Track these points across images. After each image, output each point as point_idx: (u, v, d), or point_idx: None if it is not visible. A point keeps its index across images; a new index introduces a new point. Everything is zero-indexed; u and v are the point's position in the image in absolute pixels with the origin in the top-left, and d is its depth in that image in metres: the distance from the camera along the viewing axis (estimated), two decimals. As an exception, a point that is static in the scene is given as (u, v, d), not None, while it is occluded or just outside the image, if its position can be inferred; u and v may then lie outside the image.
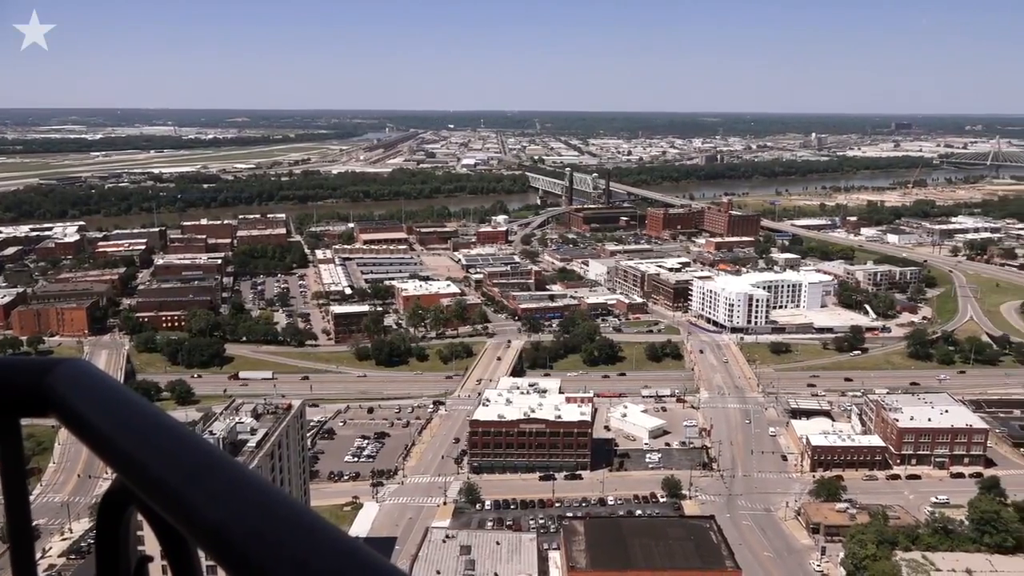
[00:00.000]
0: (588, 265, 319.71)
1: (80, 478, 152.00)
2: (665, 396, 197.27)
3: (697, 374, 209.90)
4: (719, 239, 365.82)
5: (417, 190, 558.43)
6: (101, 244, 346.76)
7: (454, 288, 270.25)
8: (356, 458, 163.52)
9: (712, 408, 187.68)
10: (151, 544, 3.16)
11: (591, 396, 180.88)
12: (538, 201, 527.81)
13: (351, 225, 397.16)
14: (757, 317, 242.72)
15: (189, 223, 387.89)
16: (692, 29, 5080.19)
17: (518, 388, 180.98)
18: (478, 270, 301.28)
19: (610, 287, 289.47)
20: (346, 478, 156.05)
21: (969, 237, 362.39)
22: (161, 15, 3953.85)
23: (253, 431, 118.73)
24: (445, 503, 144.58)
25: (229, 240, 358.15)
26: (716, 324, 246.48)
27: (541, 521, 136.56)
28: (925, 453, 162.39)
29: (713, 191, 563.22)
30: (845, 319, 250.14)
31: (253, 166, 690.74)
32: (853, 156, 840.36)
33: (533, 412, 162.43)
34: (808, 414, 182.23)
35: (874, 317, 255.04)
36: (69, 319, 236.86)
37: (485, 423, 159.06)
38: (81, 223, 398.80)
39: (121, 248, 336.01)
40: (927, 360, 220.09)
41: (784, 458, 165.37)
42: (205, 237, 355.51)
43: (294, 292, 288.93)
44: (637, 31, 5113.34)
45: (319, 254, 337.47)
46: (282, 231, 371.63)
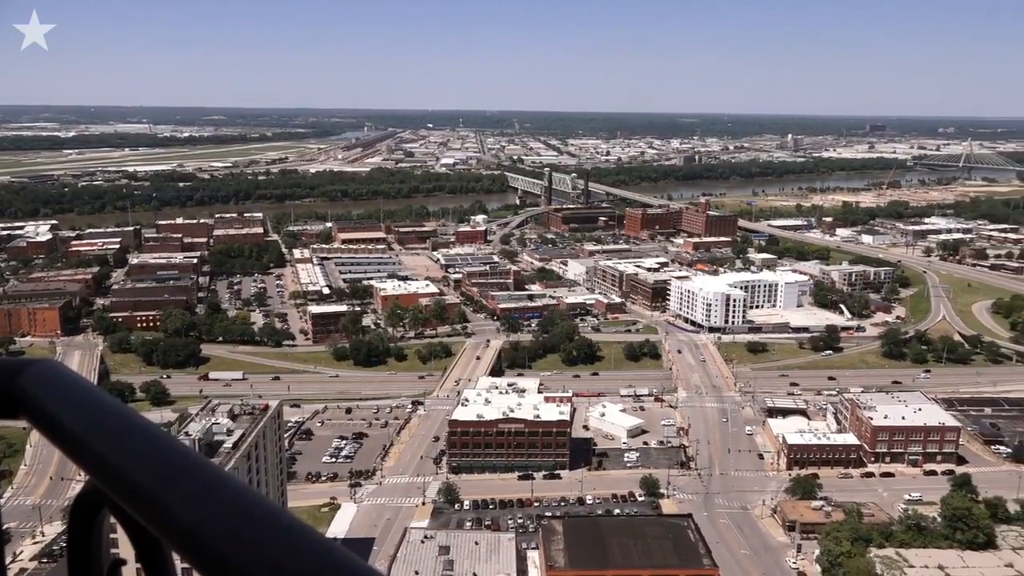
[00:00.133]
0: (567, 265, 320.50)
1: (52, 480, 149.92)
2: (643, 395, 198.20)
3: (675, 373, 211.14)
4: (697, 239, 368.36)
5: (396, 189, 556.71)
6: (74, 243, 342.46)
7: (433, 288, 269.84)
8: (334, 459, 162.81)
9: (690, 407, 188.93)
10: (124, 547, 3.13)
11: (570, 396, 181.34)
12: (517, 201, 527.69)
13: (329, 224, 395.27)
14: (734, 317, 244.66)
15: (164, 222, 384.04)
16: (671, 31, 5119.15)
17: (497, 388, 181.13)
18: (457, 270, 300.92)
19: (589, 287, 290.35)
20: (324, 479, 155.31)
21: (942, 238, 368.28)
22: (136, 12, 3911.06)
23: (229, 432, 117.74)
24: (424, 503, 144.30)
25: (205, 239, 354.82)
26: (694, 324, 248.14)
27: (520, 521, 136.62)
28: (899, 451, 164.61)
29: (691, 191, 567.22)
30: (821, 319, 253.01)
31: (230, 165, 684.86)
32: (829, 157, 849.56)
33: (512, 412, 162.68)
34: (784, 413, 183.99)
35: (849, 317, 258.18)
36: (41, 319, 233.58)
37: (464, 423, 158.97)
38: (54, 222, 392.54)
39: (95, 247, 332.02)
40: (901, 359, 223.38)
41: (761, 456, 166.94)
42: (181, 236, 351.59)
43: (271, 292, 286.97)
44: (616, 32, 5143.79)
45: (297, 253, 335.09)
46: (259, 230, 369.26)
